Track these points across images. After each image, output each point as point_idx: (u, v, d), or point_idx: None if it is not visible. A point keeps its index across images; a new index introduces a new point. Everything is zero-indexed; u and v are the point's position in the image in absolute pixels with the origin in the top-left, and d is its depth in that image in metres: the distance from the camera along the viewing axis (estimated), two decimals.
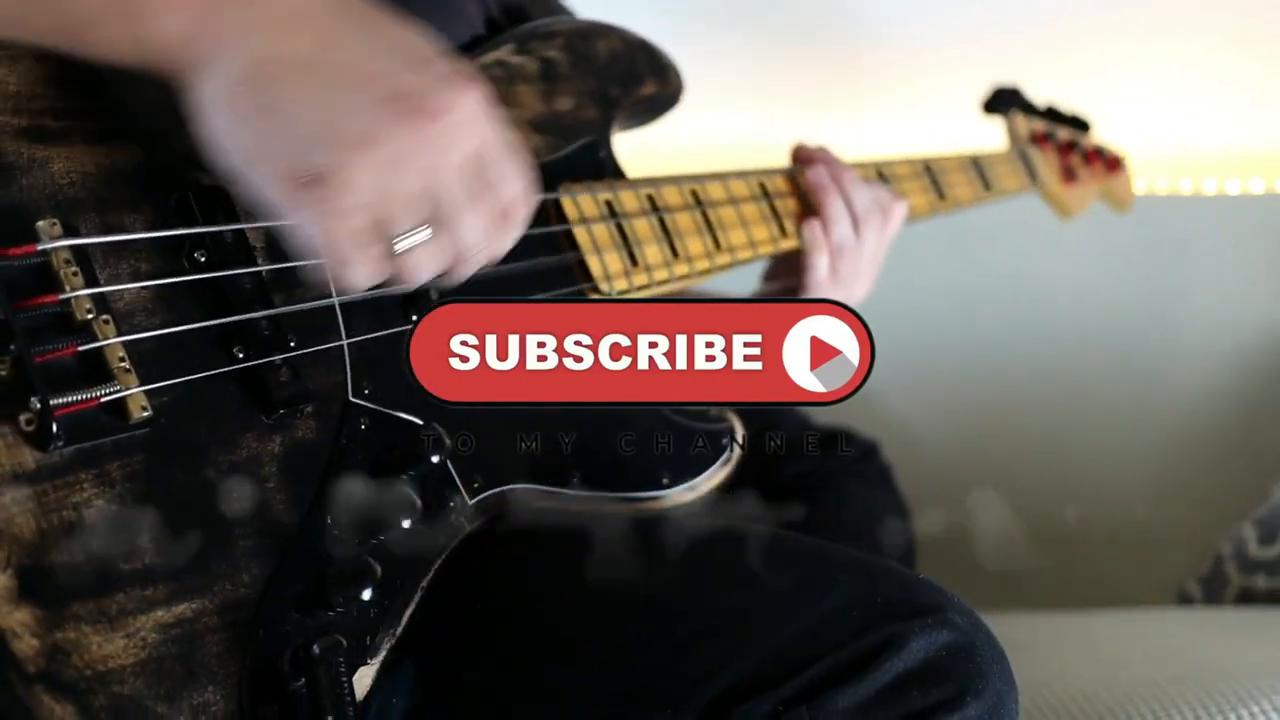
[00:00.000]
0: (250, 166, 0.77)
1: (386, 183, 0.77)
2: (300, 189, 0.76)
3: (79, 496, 0.76)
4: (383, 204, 0.78)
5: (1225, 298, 2.52)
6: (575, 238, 1.15)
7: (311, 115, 0.75)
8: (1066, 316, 2.55)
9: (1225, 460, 2.45)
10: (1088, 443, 2.51)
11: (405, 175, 0.78)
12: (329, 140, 0.75)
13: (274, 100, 0.75)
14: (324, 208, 0.76)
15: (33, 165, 0.79)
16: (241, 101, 0.76)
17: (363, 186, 0.76)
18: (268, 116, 0.75)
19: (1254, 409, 2.47)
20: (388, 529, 0.89)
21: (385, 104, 0.76)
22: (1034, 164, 1.84)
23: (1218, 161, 2.62)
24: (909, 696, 0.85)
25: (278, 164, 0.76)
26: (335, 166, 0.75)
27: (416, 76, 0.78)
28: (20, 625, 0.72)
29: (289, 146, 0.75)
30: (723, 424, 1.24)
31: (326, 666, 0.83)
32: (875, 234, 1.39)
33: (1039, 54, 2.29)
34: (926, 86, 2.49)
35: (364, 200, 0.77)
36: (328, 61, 0.77)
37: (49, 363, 0.76)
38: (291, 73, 0.76)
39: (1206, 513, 2.37)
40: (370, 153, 0.76)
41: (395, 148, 0.76)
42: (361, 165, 0.76)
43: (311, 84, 0.76)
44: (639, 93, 1.29)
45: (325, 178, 0.75)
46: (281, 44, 0.76)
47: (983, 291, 2.56)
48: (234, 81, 0.76)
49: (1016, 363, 2.53)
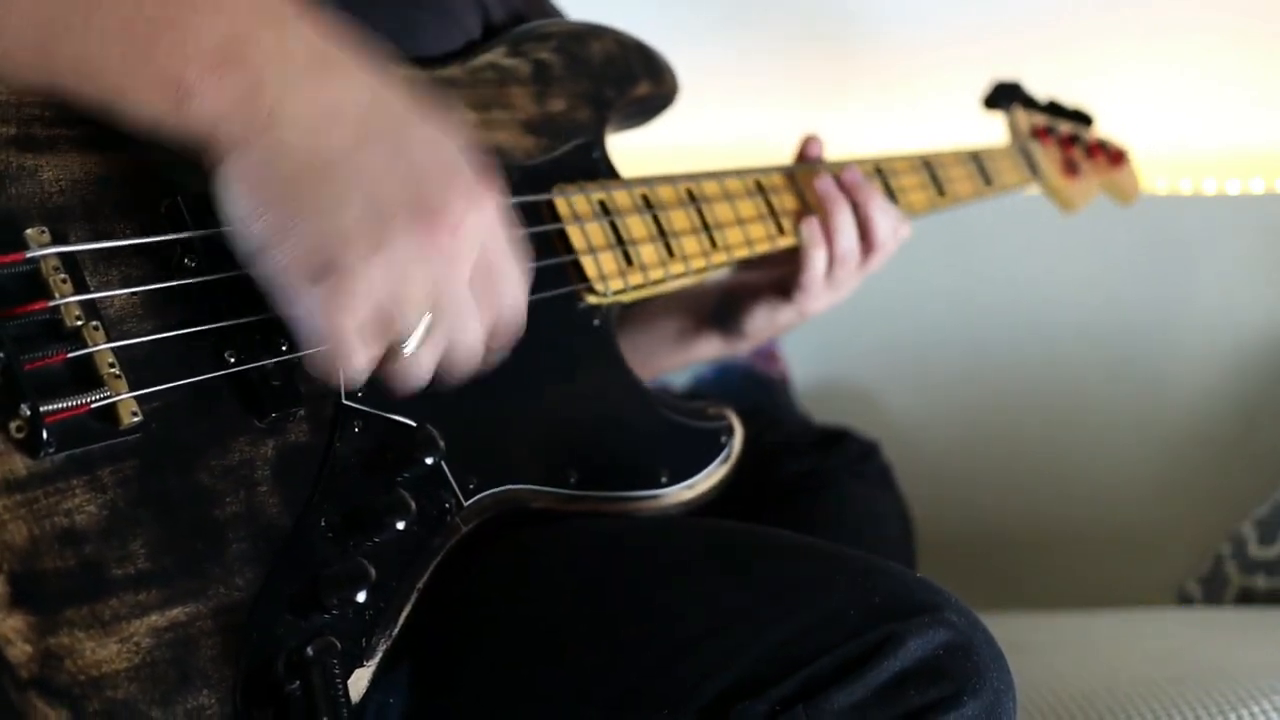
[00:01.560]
0: (266, 249, 0.78)
1: (395, 285, 0.79)
2: (311, 279, 0.78)
3: (71, 502, 0.76)
4: (390, 304, 0.80)
5: (1225, 298, 2.52)
6: (569, 238, 1.15)
7: (332, 213, 0.77)
8: (1066, 316, 2.55)
9: (1225, 460, 2.45)
10: (1088, 443, 2.51)
11: (414, 280, 0.79)
12: (345, 239, 0.77)
13: (297, 193, 0.78)
14: (331, 301, 0.78)
15: (22, 173, 0.79)
16: (266, 188, 0.78)
17: (372, 287, 0.78)
18: (289, 206, 0.77)
19: (1254, 409, 2.47)
20: (382, 531, 0.89)
21: (402, 212, 0.79)
22: (1035, 158, 1.83)
23: (1218, 161, 2.62)
24: (906, 696, 0.85)
25: (293, 252, 0.78)
26: (347, 265, 0.77)
27: (437, 188, 0.80)
28: (13, 631, 0.72)
29: (306, 239, 0.77)
30: (721, 422, 1.23)
31: (321, 669, 0.83)
32: (883, 256, 1.40)
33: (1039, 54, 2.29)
34: (927, 87, 2.49)
35: (372, 299, 0.79)
36: (355, 162, 0.79)
37: (39, 370, 0.76)
38: (316, 168, 0.78)
39: (1206, 513, 2.37)
40: (383, 256, 0.78)
41: (408, 254, 0.79)
42: (373, 267, 0.78)
43: (336, 183, 0.78)
44: (633, 93, 1.29)
45: (337, 273, 0.77)
46: (313, 139, 0.78)
47: (983, 291, 2.56)
48: (262, 167, 0.78)
49: (1016, 362, 2.53)
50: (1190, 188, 2.61)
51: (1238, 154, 2.62)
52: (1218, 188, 2.60)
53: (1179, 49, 2.54)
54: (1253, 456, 2.42)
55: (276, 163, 0.77)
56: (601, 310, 1.17)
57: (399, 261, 0.78)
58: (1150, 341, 2.52)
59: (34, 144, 0.81)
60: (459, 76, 1.14)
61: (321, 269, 0.77)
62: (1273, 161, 2.60)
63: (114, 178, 0.84)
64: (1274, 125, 2.62)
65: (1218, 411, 2.49)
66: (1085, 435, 2.51)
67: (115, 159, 0.84)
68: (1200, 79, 2.57)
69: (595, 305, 1.17)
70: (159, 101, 0.77)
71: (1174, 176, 2.62)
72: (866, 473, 1.60)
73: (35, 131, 0.81)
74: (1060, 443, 2.51)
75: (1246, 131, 2.62)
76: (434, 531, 0.96)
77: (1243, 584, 2.06)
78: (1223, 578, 2.10)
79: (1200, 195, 2.60)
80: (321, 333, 0.79)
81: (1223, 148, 2.63)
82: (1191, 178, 2.62)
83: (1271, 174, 2.59)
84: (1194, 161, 2.63)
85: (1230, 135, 2.63)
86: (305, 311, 0.79)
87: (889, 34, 2.56)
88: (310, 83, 0.79)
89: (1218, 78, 2.57)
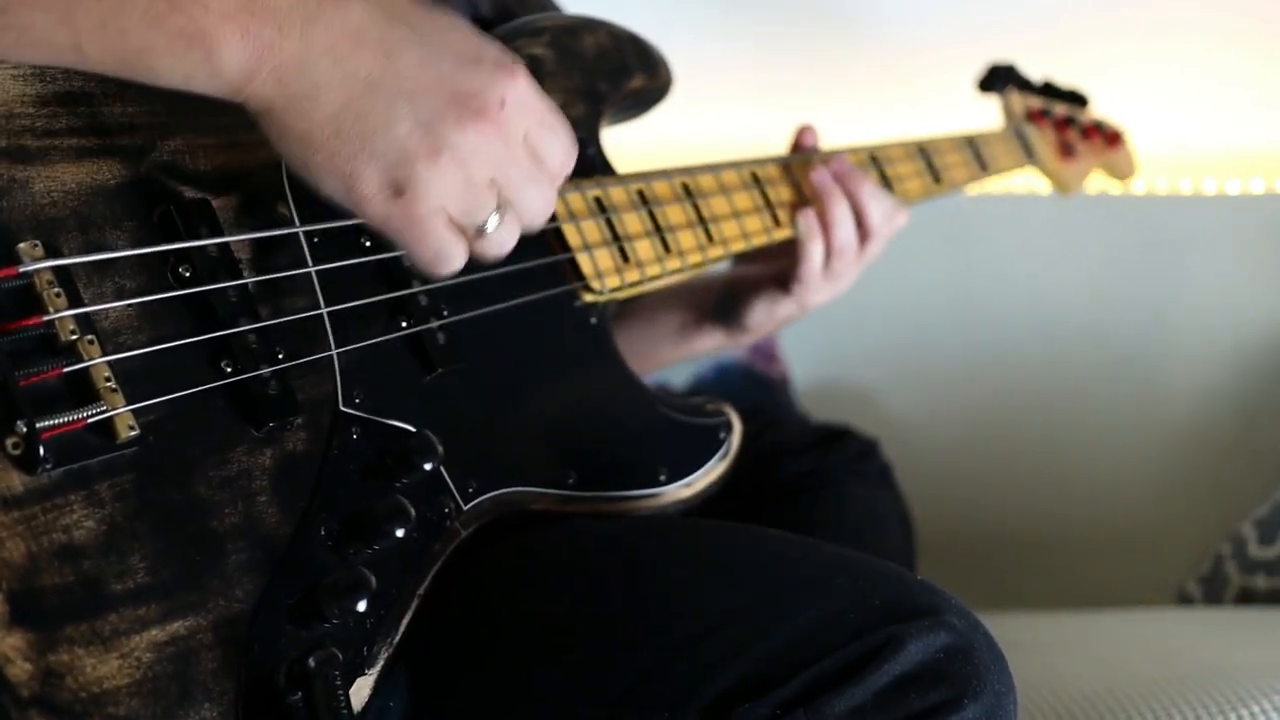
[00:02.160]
0: (345, 191, 0.81)
1: (462, 180, 0.82)
2: (389, 202, 0.81)
3: (69, 518, 0.75)
4: (463, 199, 0.83)
5: (1225, 298, 2.52)
6: (565, 236, 1.14)
7: (386, 132, 0.80)
8: (1066, 316, 2.55)
9: (1225, 460, 2.45)
10: (1088, 442, 2.51)
11: (476, 170, 0.83)
12: (406, 155, 0.80)
13: (346, 122, 0.79)
14: (416, 211, 0.81)
15: (13, 186, 0.79)
16: (319, 130, 0.80)
17: (443, 189, 0.82)
18: (342, 138, 0.80)
19: (1254, 409, 2.47)
20: (382, 539, 0.89)
21: (449, 110, 0.81)
22: (1030, 141, 1.82)
23: (1218, 161, 2.62)
24: (907, 699, 0.85)
25: (367, 182, 0.81)
26: (415, 177, 0.80)
27: (471, 75, 0.82)
28: (13, 650, 0.71)
29: (371, 164, 0.80)
30: (719, 418, 1.23)
31: (322, 679, 0.83)
32: (879, 244, 1.39)
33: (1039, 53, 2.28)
34: (926, 86, 2.49)
35: (446, 201, 0.82)
36: (390, 76, 0.80)
37: (34, 385, 0.75)
38: (357, 92, 0.79)
39: (1206, 513, 2.37)
40: (444, 159, 0.81)
41: (464, 149, 0.81)
42: (438, 171, 0.81)
43: (381, 102, 0.80)
44: (627, 86, 1.28)
45: (410, 187, 0.81)
46: (346, 66, 0.79)
47: (983, 291, 2.56)
48: (301, 107, 0.79)
49: (1016, 362, 2.53)
50: (1190, 188, 2.61)
51: (1238, 154, 2.62)
52: (1218, 188, 2.60)
53: (1179, 49, 2.54)
54: (1253, 456, 2.42)
55: (320, 102, 0.79)
56: (598, 308, 1.17)
57: (462, 156, 0.81)
58: (1150, 341, 2.52)
59: (25, 155, 0.80)
60: None
61: (397, 186, 0.81)
62: (1273, 161, 2.60)
63: (105, 188, 0.83)
64: (1274, 125, 2.62)
65: (1218, 411, 2.49)
66: (1085, 435, 2.51)
67: (107, 169, 0.84)
68: (1200, 79, 2.57)
69: (592, 303, 1.17)
70: (185, 56, 0.77)
71: (1174, 176, 2.61)
72: (866, 472, 1.61)
73: (26, 143, 0.80)
74: (1060, 442, 2.51)
75: (1246, 131, 2.62)
76: (434, 537, 0.96)
77: (1243, 584, 2.06)
78: (1223, 578, 2.10)
79: (1200, 195, 2.59)
80: (418, 241, 0.83)
81: (1223, 148, 2.62)
82: (1191, 178, 2.61)
83: (1271, 174, 2.58)
84: (1194, 161, 2.63)
85: (1230, 135, 2.62)
86: (397, 226, 0.83)
87: (888, 32, 2.56)
88: (327, 11, 0.79)
89: (1218, 78, 2.56)
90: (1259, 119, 2.60)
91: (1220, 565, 2.12)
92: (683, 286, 1.49)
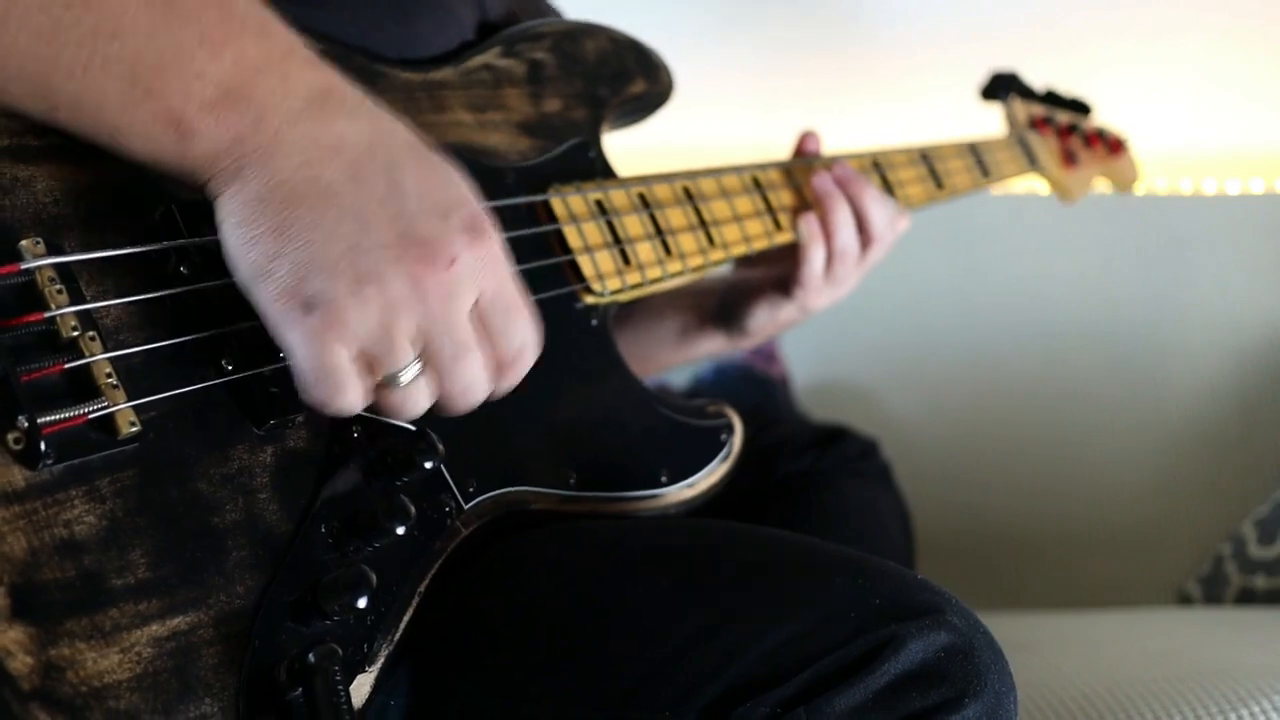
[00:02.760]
0: (255, 280, 0.78)
1: (385, 321, 0.79)
2: (298, 311, 0.78)
3: (70, 513, 0.75)
4: (378, 341, 0.79)
5: (1225, 298, 2.52)
6: (566, 238, 1.15)
7: (322, 244, 0.77)
8: (1066, 316, 2.55)
9: (1225, 460, 2.45)
10: (1088, 442, 2.51)
11: (404, 317, 0.79)
12: (335, 271, 0.77)
13: (288, 223, 0.77)
14: (322, 333, 0.78)
15: (15, 185, 0.79)
16: (260, 218, 0.78)
17: (360, 321, 0.78)
18: (280, 237, 0.77)
19: (1254, 409, 2.47)
20: (382, 536, 0.89)
21: (396, 246, 0.79)
22: (1033, 149, 1.83)
23: (1218, 161, 2.62)
24: (907, 698, 0.85)
25: (282, 283, 0.78)
26: (335, 297, 0.77)
27: (431, 224, 0.80)
28: (14, 643, 0.72)
29: (295, 270, 0.77)
30: (721, 420, 1.23)
31: (323, 675, 0.82)
32: (882, 249, 1.39)
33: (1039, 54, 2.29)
34: (927, 88, 2.49)
35: (359, 334, 0.78)
36: (349, 194, 0.79)
37: (36, 381, 0.75)
38: (312, 199, 0.78)
39: (1206, 513, 2.37)
40: (372, 290, 0.78)
41: (397, 290, 0.78)
42: (357, 301, 0.77)
43: (329, 213, 0.78)
44: (628, 92, 1.29)
45: (324, 306, 0.77)
46: (309, 171, 0.78)
47: (983, 291, 2.56)
48: (255, 199, 0.78)
49: (1016, 362, 2.54)
50: (1190, 188, 2.61)
51: (1238, 154, 2.62)
52: (1218, 188, 2.60)
53: (1179, 49, 2.54)
54: (1253, 456, 2.42)
55: (271, 193, 0.78)
56: (599, 310, 1.17)
57: (390, 295, 0.78)
58: (1150, 341, 2.52)
59: (27, 155, 0.80)
60: (453, 78, 1.13)
61: (312, 300, 0.77)
62: (1273, 161, 2.60)
63: (107, 187, 0.83)
64: (1274, 125, 2.62)
65: (1218, 411, 2.49)
66: (1085, 435, 2.51)
67: (108, 168, 0.83)
68: (1200, 79, 2.57)
69: (593, 305, 1.17)
70: (158, 138, 0.77)
71: (1174, 176, 2.62)
72: (865, 471, 1.61)
73: (28, 142, 0.80)
74: (1060, 442, 2.51)
75: (1246, 131, 2.62)
76: (434, 535, 0.96)
77: (1243, 584, 2.06)
78: (1223, 578, 2.10)
79: (1200, 195, 2.60)
80: (312, 364, 0.79)
81: (1223, 148, 2.63)
82: (1191, 178, 2.62)
83: (1271, 174, 2.59)
84: (1194, 161, 2.63)
85: (1230, 135, 2.63)
86: (296, 342, 0.79)
87: (889, 35, 2.56)
88: (310, 119, 0.79)
89: (1218, 78, 2.57)
90: (1259, 119, 2.61)
91: (1220, 565, 2.12)
92: (684, 290, 1.49)
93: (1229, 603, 2.09)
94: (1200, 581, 2.15)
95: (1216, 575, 2.12)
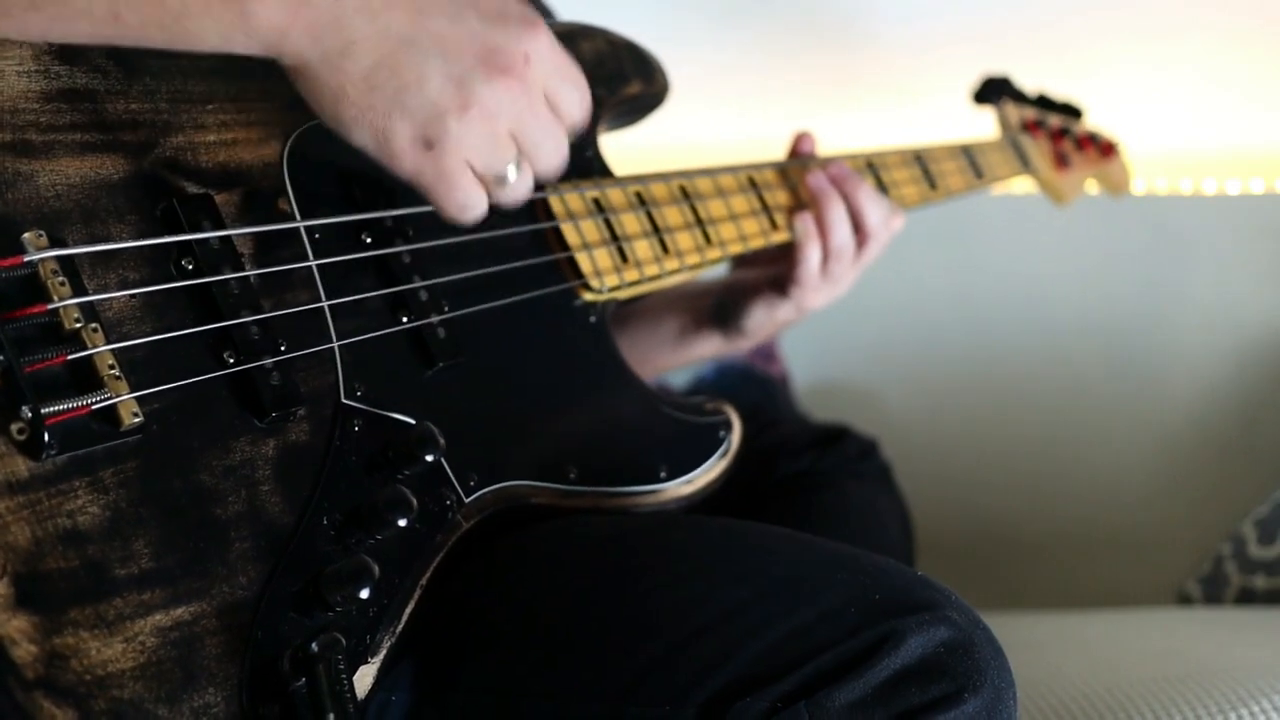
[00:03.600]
0: (383, 146, 0.85)
1: (488, 134, 0.86)
2: (421, 155, 0.85)
3: (73, 504, 0.76)
4: (488, 152, 0.87)
5: (1225, 298, 2.52)
6: (564, 236, 1.15)
7: (418, 88, 0.83)
8: (1066, 316, 2.55)
9: (1225, 460, 2.45)
10: (1088, 442, 2.51)
11: (501, 123, 0.86)
12: (438, 110, 0.84)
13: (379, 77, 0.83)
14: (445, 163, 0.85)
15: (18, 179, 0.80)
16: (350, 84, 0.83)
17: (471, 143, 0.85)
18: (375, 92, 0.83)
19: (1254, 409, 2.47)
20: (384, 528, 0.90)
21: (478, 66, 0.84)
22: (1025, 151, 1.84)
23: (1218, 161, 2.62)
24: (907, 693, 0.85)
25: (400, 139, 0.84)
26: (446, 132, 0.84)
27: (497, 32, 0.86)
28: (18, 632, 0.72)
29: (406, 121, 0.84)
30: (719, 416, 1.24)
31: (326, 665, 0.83)
32: (878, 246, 1.40)
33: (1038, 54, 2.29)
34: (925, 88, 2.49)
35: (473, 153, 0.86)
36: (422, 33, 0.83)
37: (39, 372, 0.76)
38: (390, 48, 0.83)
39: (1206, 513, 2.37)
40: (473, 113, 0.84)
41: (492, 104, 0.85)
42: (467, 125, 0.84)
43: (413, 58, 0.83)
44: (625, 92, 1.29)
45: (440, 142, 0.84)
46: (379, 24, 0.82)
47: (983, 292, 2.56)
48: (336, 64, 0.82)
49: (1016, 362, 2.54)
50: (1190, 188, 2.61)
51: (1238, 154, 2.62)
52: (1218, 188, 2.60)
53: (1179, 49, 2.54)
54: (1253, 456, 2.42)
55: (354, 57, 0.82)
56: (597, 307, 1.18)
57: (488, 111, 0.85)
58: (1150, 341, 2.52)
59: (30, 149, 0.81)
60: None
61: (428, 140, 0.84)
62: (1273, 161, 2.60)
63: (110, 181, 0.84)
64: (1274, 125, 2.62)
65: (1218, 411, 2.49)
66: (1085, 435, 2.51)
67: (111, 162, 0.85)
68: (1200, 79, 2.57)
69: (591, 302, 1.17)
70: (222, 15, 0.79)
71: (1174, 176, 2.61)
72: (865, 471, 1.61)
73: (31, 137, 0.81)
74: (1060, 443, 2.51)
75: (1246, 131, 2.62)
76: (436, 528, 0.97)
77: (1243, 584, 2.06)
78: (1223, 578, 2.10)
79: (1200, 195, 2.59)
80: (446, 189, 0.86)
81: (1223, 148, 2.63)
82: (1191, 178, 2.61)
83: (1271, 174, 2.58)
84: (1194, 161, 2.63)
85: (1230, 135, 2.62)
86: (427, 178, 0.86)
87: (887, 35, 2.56)
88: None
89: (1217, 78, 2.56)
90: (1259, 119, 2.60)
91: (1220, 565, 2.12)
92: (681, 292, 1.49)
93: (1229, 603, 2.08)
94: (1200, 581, 2.15)
95: (1216, 575, 2.12)
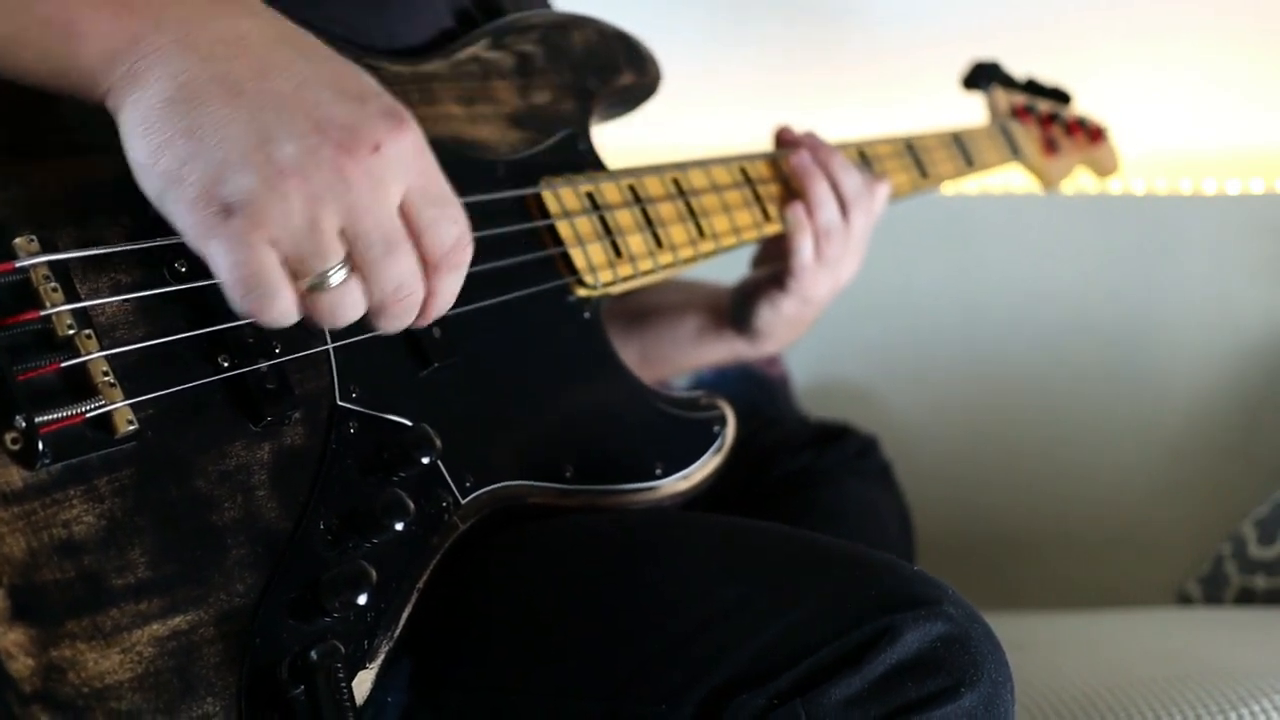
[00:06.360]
0: (169, 190, 0.73)
1: (310, 214, 0.73)
2: (217, 216, 0.72)
3: (68, 513, 0.75)
4: (305, 237, 0.73)
5: (1225, 298, 2.52)
6: (558, 231, 1.15)
7: (237, 140, 0.72)
8: (1066, 316, 2.55)
9: (1225, 460, 2.45)
10: (1088, 442, 2.51)
11: (329, 208, 0.73)
12: (252, 167, 0.72)
13: (199, 122, 0.72)
14: (240, 237, 0.72)
15: (9, 182, 0.79)
16: (166, 122, 0.72)
17: (284, 217, 0.72)
18: (191, 139, 0.72)
19: (1254, 409, 2.47)
20: (381, 532, 0.89)
21: (315, 134, 0.73)
22: (1015, 137, 1.84)
23: (1218, 161, 2.62)
24: (903, 688, 0.85)
25: (197, 188, 0.72)
26: (256, 195, 0.72)
27: (352, 109, 0.75)
28: (14, 645, 0.71)
29: (210, 171, 0.72)
30: (713, 411, 1.24)
31: (325, 673, 0.83)
32: (863, 216, 1.38)
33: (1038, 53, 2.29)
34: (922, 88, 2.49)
35: (285, 231, 0.73)
36: (261, 88, 0.74)
37: (32, 380, 0.75)
38: (222, 95, 0.73)
39: (1206, 513, 2.37)
40: (294, 183, 0.72)
41: (321, 180, 0.73)
42: (284, 196, 0.72)
43: (241, 108, 0.72)
44: (616, 83, 1.29)
45: (244, 206, 0.72)
46: (215, 66, 0.73)
47: (982, 291, 2.56)
48: (160, 102, 0.73)
49: (1016, 362, 2.53)
50: (1190, 188, 2.61)
51: (1238, 154, 2.62)
52: (1218, 188, 2.60)
53: (1178, 49, 2.54)
54: (1253, 456, 2.42)
55: (177, 94, 0.72)
56: (591, 303, 1.18)
57: (314, 186, 0.72)
58: (1150, 341, 2.52)
59: (20, 153, 0.80)
60: (442, 70, 1.13)
61: (230, 202, 0.72)
62: (1273, 161, 2.60)
63: (102, 183, 0.83)
64: (1274, 125, 2.62)
65: (1217, 411, 2.49)
66: (1085, 435, 2.51)
67: (102, 164, 0.83)
68: (1200, 79, 2.57)
69: (585, 298, 1.17)
70: (50, 45, 0.74)
71: (1174, 176, 2.62)
72: (865, 470, 1.61)
73: (22, 140, 0.80)
74: (1060, 442, 2.51)
75: (1246, 131, 2.62)
76: (433, 530, 0.97)
77: (1243, 584, 2.06)
78: (1223, 578, 2.10)
79: (1200, 195, 2.59)
80: (240, 271, 0.73)
81: (1223, 148, 2.63)
82: (1191, 178, 2.62)
83: (1271, 174, 2.58)
84: (1194, 161, 2.63)
85: (1230, 135, 2.63)
86: (220, 250, 0.73)
87: (884, 34, 2.56)
88: (209, 15, 0.75)
89: (1217, 78, 2.57)
90: (1259, 119, 2.61)
91: (1220, 565, 2.12)
92: (701, 292, 1.50)
93: (1229, 603, 2.08)
94: (1200, 581, 2.15)
95: (1216, 575, 2.12)
